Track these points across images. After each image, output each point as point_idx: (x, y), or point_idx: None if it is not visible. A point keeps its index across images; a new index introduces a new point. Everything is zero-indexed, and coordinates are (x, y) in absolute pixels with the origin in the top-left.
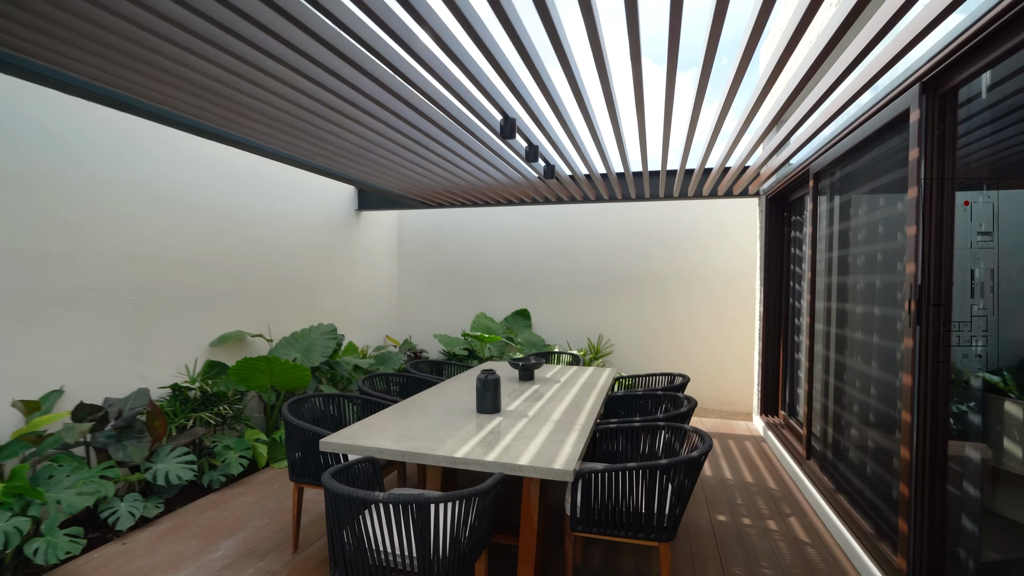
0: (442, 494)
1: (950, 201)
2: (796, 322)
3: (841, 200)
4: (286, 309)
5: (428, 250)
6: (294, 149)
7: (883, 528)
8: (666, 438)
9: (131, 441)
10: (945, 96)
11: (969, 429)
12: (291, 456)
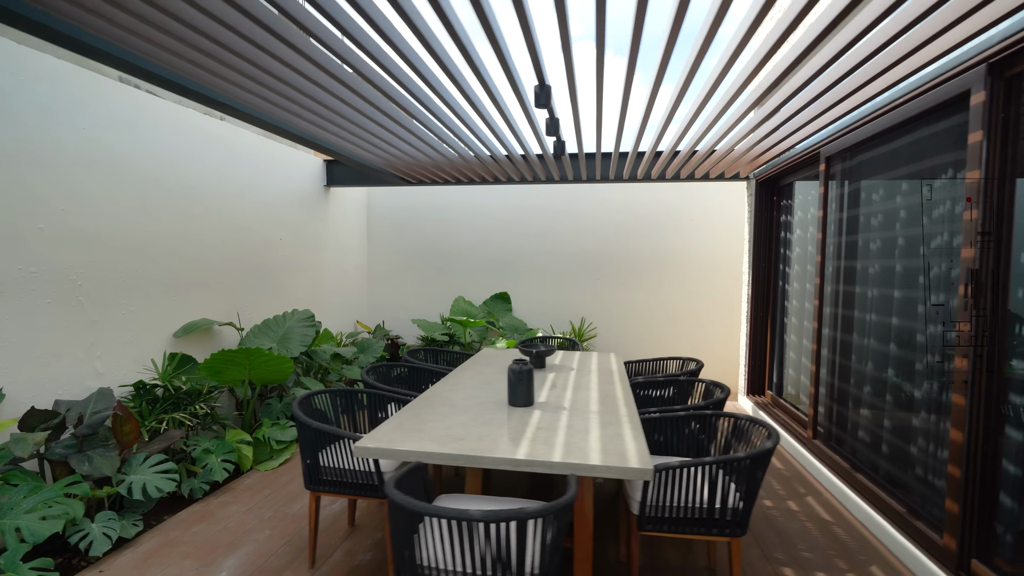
0: (540, 506)
1: (1011, 187)
2: (785, 304)
3: (865, 183)
4: (255, 295)
5: (401, 230)
6: (267, 110)
7: (917, 507)
8: (722, 427)
9: (96, 451)
10: (1011, 80)
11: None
12: (307, 461)
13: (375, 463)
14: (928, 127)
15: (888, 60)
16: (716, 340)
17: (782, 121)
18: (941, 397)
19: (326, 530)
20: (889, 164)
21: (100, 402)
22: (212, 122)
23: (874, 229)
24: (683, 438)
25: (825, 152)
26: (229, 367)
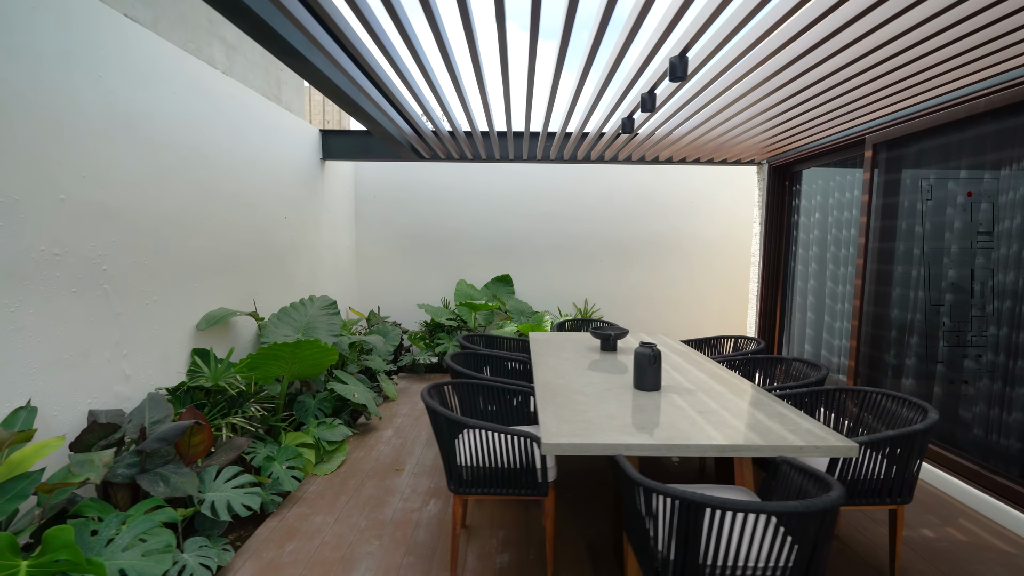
0: (839, 493)
1: None
2: (797, 284)
3: (914, 172)
4: (265, 280)
5: (392, 211)
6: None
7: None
8: (848, 403)
9: (166, 468)
10: None
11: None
12: (452, 463)
13: (543, 459)
14: (995, 123)
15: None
16: (717, 320)
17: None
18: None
19: (439, 534)
20: (951, 151)
21: (155, 410)
22: (224, 79)
23: (917, 215)
24: (811, 413)
25: (873, 139)
26: (271, 363)
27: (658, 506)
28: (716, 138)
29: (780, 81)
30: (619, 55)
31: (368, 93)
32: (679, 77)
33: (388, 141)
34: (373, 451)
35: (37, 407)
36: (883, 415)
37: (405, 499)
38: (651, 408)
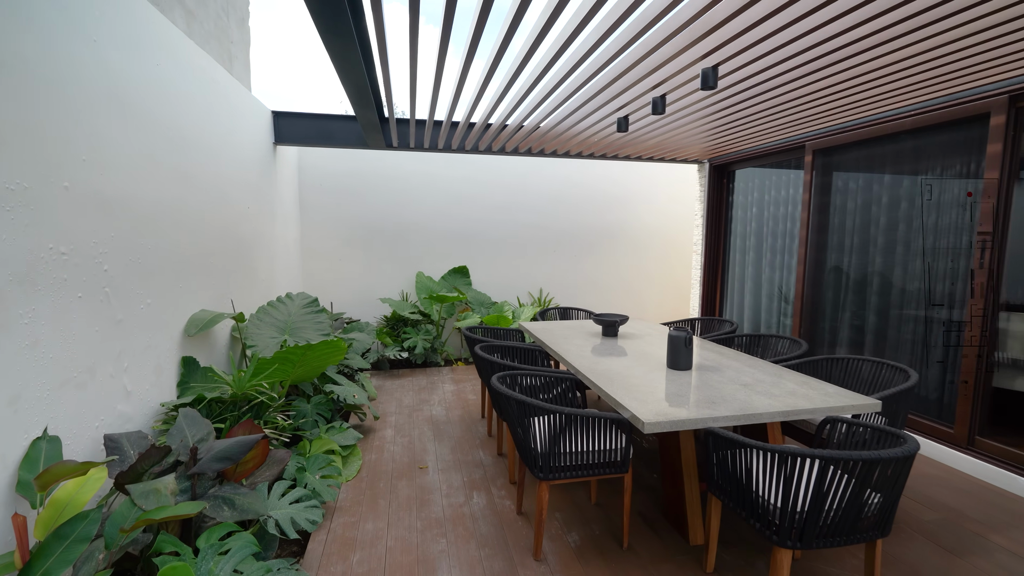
0: (915, 441)
1: (1012, 181)
2: (735, 270)
3: (852, 174)
4: (234, 276)
5: (341, 200)
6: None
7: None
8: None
9: (224, 489)
10: (1022, 109)
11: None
12: (538, 452)
13: (625, 439)
14: (914, 139)
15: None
16: (660, 304)
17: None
18: None
19: (500, 524)
20: (878, 161)
21: (195, 427)
22: (196, 50)
23: (848, 212)
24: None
25: (813, 146)
26: (279, 367)
27: (756, 464)
28: (656, 139)
29: (720, 96)
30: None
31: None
32: (711, 85)
33: (370, 128)
34: (384, 452)
35: (58, 436)
36: (862, 379)
37: (446, 495)
38: (702, 385)
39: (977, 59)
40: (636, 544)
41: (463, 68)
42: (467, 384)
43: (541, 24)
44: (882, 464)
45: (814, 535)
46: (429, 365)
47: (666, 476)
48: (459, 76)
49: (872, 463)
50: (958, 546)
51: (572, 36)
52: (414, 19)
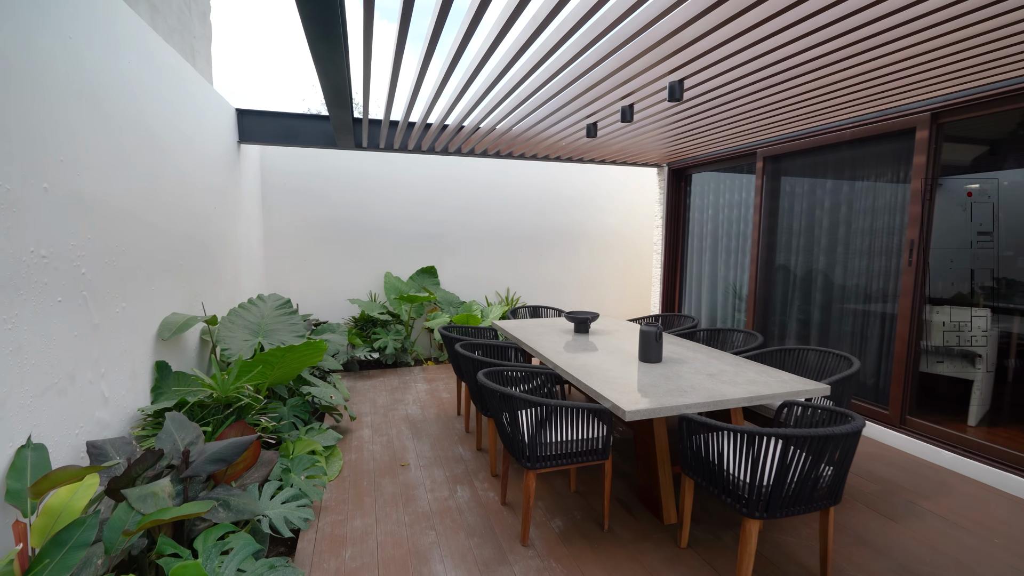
0: (862, 420)
1: (934, 189)
2: (693, 269)
3: (798, 179)
4: (202, 277)
5: (306, 200)
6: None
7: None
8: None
9: (218, 491)
10: (940, 126)
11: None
12: (524, 443)
13: (607, 429)
14: (852, 150)
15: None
16: (620, 301)
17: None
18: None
19: (487, 514)
20: (822, 168)
21: (183, 431)
22: (164, 45)
23: (795, 215)
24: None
25: (762, 152)
26: (258, 370)
27: (727, 445)
28: (621, 144)
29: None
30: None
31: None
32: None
33: (342, 128)
34: (364, 452)
35: (44, 444)
36: (810, 367)
37: (430, 490)
38: (672, 376)
39: (905, 81)
40: (616, 526)
41: (444, 75)
42: (440, 383)
43: (525, 38)
44: (835, 440)
45: (778, 505)
46: (400, 365)
47: (640, 462)
48: (438, 83)
49: (826, 439)
50: (895, 513)
51: (552, 51)
52: (403, 30)
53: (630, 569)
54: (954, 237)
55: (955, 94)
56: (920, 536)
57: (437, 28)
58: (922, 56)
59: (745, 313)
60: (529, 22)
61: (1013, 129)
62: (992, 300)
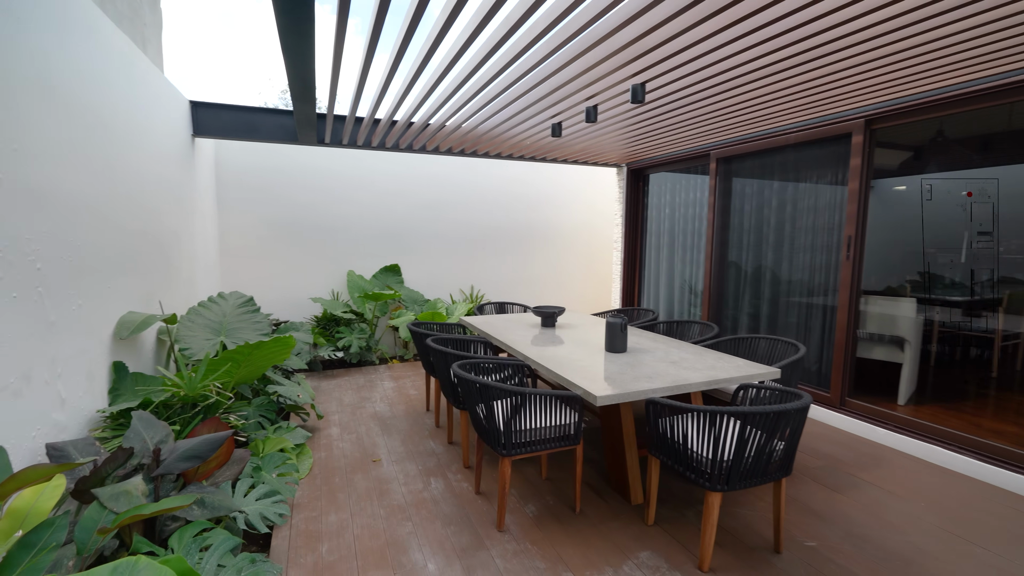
0: (809, 397)
1: (868, 190)
2: (651, 266)
3: (748, 180)
4: (158, 275)
5: (264, 197)
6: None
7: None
8: (765, 347)
9: (191, 489)
10: (874, 131)
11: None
12: (499, 430)
13: (578, 415)
14: (796, 152)
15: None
16: (580, 296)
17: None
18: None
19: (462, 503)
20: (769, 170)
21: (151, 430)
22: (117, 32)
23: (746, 213)
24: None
25: (716, 154)
26: (224, 368)
27: (691, 425)
28: (583, 144)
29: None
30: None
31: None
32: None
33: (306, 124)
34: (334, 449)
35: (2, 446)
36: (760, 353)
37: (404, 484)
38: (638, 364)
39: (843, 89)
40: (586, 508)
41: (414, 73)
42: (407, 380)
43: (497, 39)
44: (786, 416)
45: (737, 478)
46: (364, 364)
47: (608, 446)
48: (408, 80)
49: (779, 415)
50: (838, 485)
51: (522, 52)
52: (378, 25)
53: (602, 547)
54: (887, 235)
55: (887, 102)
56: (860, 504)
57: (412, 26)
58: (858, 67)
59: (700, 306)
60: (502, 23)
61: (933, 136)
62: (918, 292)
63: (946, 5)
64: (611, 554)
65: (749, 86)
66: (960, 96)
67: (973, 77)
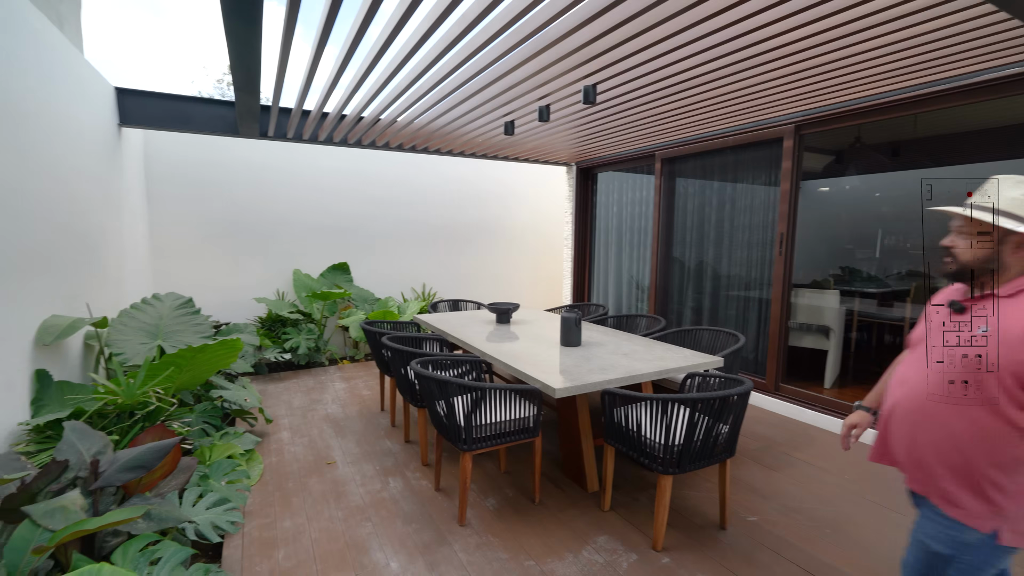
0: (750, 382)
1: (798, 191)
2: (599, 262)
3: (691, 180)
4: (83, 276)
5: (201, 192)
6: None
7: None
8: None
9: (134, 502)
10: (802, 136)
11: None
12: (460, 426)
13: (537, 408)
14: (734, 155)
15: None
16: (532, 292)
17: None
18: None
19: (422, 501)
20: (719, 171)
21: (87, 441)
22: (34, 11)
23: (688, 211)
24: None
25: (661, 155)
26: (166, 373)
27: (644, 413)
28: (534, 142)
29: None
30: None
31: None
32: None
33: (248, 116)
34: (285, 454)
35: None
36: (703, 344)
37: (361, 485)
38: (592, 357)
39: (775, 97)
40: (545, 498)
41: (367, 67)
42: (359, 380)
43: (452, 37)
44: (731, 400)
45: (687, 461)
46: (314, 365)
47: (564, 437)
48: (360, 74)
49: (724, 399)
50: (774, 463)
51: (477, 50)
52: (330, 18)
53: (561, 534)
54: (813, 232)
55: (813, 110)
56: (794, 480)
57: (365, 22)
58: (788, 77)
59: (647, 301)
60: (458, 21)
61: (851, 142)
62: (840, 285)
63: (862, 24)
64: (570, 540)
65: (693, 91)
66: (875, 106)
67: (885, 89)
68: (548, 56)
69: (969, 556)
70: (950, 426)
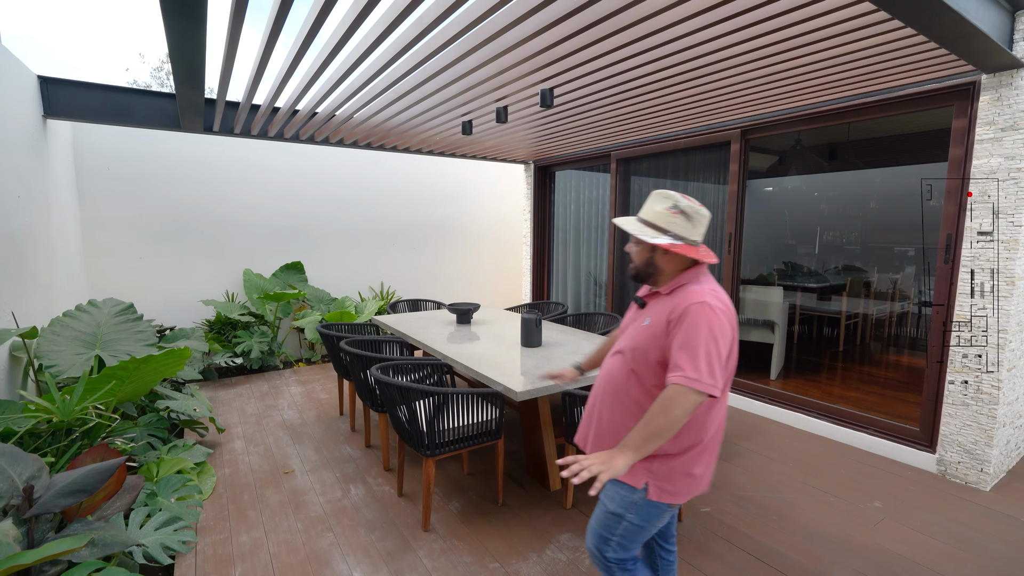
0: None
1: (744, 192)
2: (557, 260)
3: (645, 179)
4: (6, 282)
5: (140, 189)
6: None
7: None
8: None
9: (75, 527)
10: (748, 140)
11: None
12: (422, 432)
13: (499, 411)
14: (685, 156)
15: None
16: (493, 290)
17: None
18: None
19: (384, 507)
20: (663, 170)
21: (19, 465)
22: None
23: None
24: None
25: (618, 156)
26: (106, 387)
27: None
28: (492, 141)
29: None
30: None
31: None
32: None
33: (191, 110)
34: (239, 464)
35: None
36: None
37: (321, 493)
38: (553, 358)
39: (723, 103)
40: (508, 499)
41: (322, 63)
42: (316, 384)
43: (410, 37)
44: None
45: None
46: (267, 369)
47: (527, 437)
48: (314, 70)
49: None
50: (726, 454)
51: (436, 51)
52: (282, 12)
53: (525, 534)
54: (758, 230)
55: (758, 116)
56: (743, 469)
57: (320, 18)
58: (734, 86)
59: (605, 297)
60: (414, 23)
61: (792, 145)
62: (784, 280)
63: (803, 41)
64: (534, 540)
65: (646, 96)
66: (813, 114)
67: (822, 99)
68: (506, 60)
69: (633, 514)
70: (619, 397)
